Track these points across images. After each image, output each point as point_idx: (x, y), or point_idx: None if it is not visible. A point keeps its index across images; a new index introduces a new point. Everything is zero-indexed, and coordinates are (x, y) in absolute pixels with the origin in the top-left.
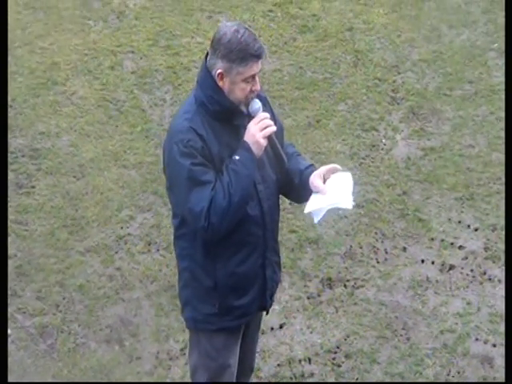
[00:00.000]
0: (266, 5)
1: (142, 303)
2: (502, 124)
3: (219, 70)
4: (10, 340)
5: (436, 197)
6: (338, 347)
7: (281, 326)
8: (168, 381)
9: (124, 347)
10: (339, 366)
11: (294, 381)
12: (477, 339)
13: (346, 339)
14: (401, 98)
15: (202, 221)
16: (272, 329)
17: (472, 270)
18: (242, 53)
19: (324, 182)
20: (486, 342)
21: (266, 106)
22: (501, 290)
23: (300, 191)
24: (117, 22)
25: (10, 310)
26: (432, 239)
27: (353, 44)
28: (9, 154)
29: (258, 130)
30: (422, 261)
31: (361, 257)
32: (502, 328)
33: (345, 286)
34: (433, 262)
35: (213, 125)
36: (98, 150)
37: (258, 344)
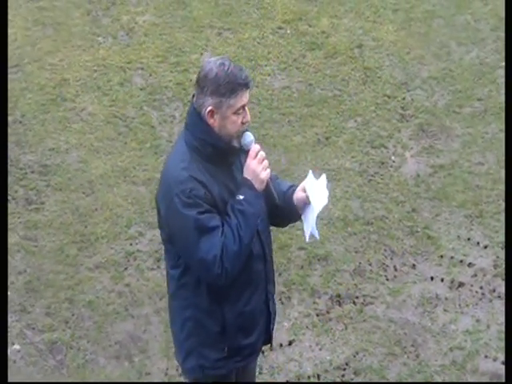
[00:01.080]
0: (276, 22)
1: (151, 319)
2: None
3: (209, 108)
4: (19, 356)
5: (445, 214)
6: (347, 364)
7: (290, 343)
8: None
9: (133, 363)
10: (348, 382)
11: None
12: (486, 356)
13: (355, 356)
14: (410, 115)
15: (215, 269)
16: (281, 345)
17: (481, 288)
18: (230, 85)
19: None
20: (495, 360)
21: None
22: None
23: (284, 212)
24: (126, 39)
25: (19, 325)
26: (441, 256)
27: (362, 61)
28: (18, 170)
29: (258, 166)
30: (432, 278)
31: (370, 274)
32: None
33: (354, 302)
34: (442, 280)
35: (208, 168)
36: (108, 166)
37: (267, 360)
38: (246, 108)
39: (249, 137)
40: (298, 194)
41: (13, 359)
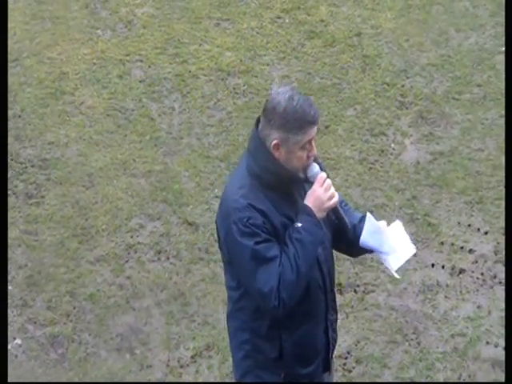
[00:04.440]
0: (274, 11)
1: (152, 312)
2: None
3: (275, 141)
4: (20, 350)
5: (445, 201)
6: (348, 352)
7: None
8: None
9: (135, 355)
10: (350, 371)
11: None
12: (487, 343)
13: (356, 344)
14: (409, 102)
15: (272, 301)
16: None
17: (482, 274)
18: (298, 122)
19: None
20: (496, 346)
21: (322, 166)
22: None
23: (353, 244)
24: (125, 31)
25: (20, 320)
26: (442, 243)
27: (361, 49)
28: (18, 165)
29: (324, 194)
30: (432, 265)
31: (371, 262)
32: None
33: (355, 291)
34: (443, 266)
35: (269, 195)
36: (107, 159)
37: None
38: (313, 142)
39: (315, 167)
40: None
41: (14, 354)
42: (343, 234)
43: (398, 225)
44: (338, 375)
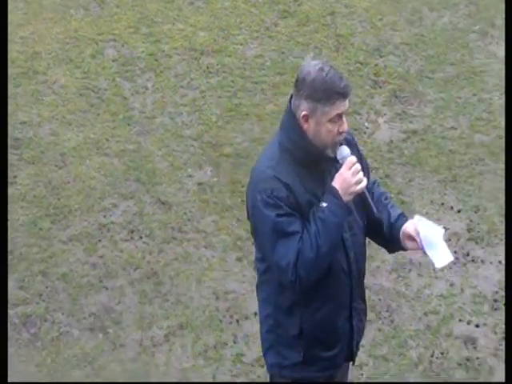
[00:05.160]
0: None
1: (125, 291)
2: (484, 106)
3: (304, 112)
4: None
5: (419, 179)
6: None
7: None
8: (152, 368)
9: (107, 335)
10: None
11: None
12: (460, 320)
13: None
14: (383, 81)
15: (289, 275)
16: (255, 313)
17: (455, 252)
18: (327, 92)
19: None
20: (469, 323)
21: (354, 150)
22: (483, 271)
23: (389, 241)
24: (98, 10)
25: None
26: None
27: (334, 28)
28: None
29: (352, 177)
30: None
31: None
32: (484, 308)
33: None
34: None
35: (298, 171)
36: (80, 138)
37: (243, 329)
38: (344, 117)
39: (345, 150)
40: (407, 236)
41: None
42: (379, 229)
43: (440, 230)
44: None
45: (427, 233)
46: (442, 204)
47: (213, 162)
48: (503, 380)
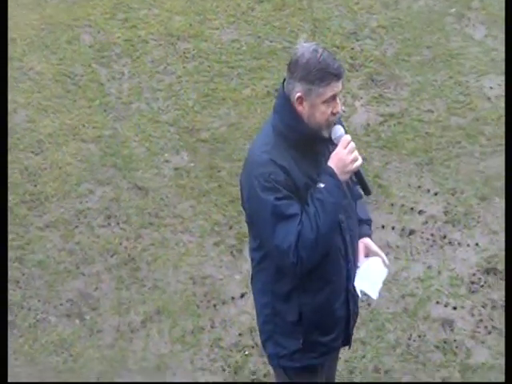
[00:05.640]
0: None
1: (102, 277)
2: (461, 88)
3: (298, 94)
4: None
5: (395, 162)
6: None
7: (242, 296)
8: (130, 353)
9: (85, 321)
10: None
11: (255, 350)
12: (437, 303)
13: None
14: (359, 64)
15: (290, 257)
16: (233, 298)
17: (432, 235)
18: (321, 73)
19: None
20: (446, 305)
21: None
22: (460, 253)
23: None
24: None
25: None
26: (392, 205)
27: (311, 12)
28: None
29: (347, 156)
30: (383, 226)
31: None
32: (462, 291)
33: None
34: (393, 228)
35: (293, 154)
36: (56, 124)
37: (220, 314)
38: (338, 98)
39: (339, 130)
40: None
41: None
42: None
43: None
44: None
45: (370, 269)
46: (419, 187)
47: (190, 147)
48: (483, 360)
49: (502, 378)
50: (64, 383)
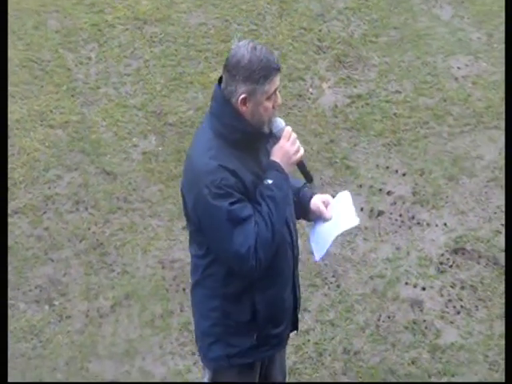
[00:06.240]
0: None
1: (71, 262)
2: (428, 69)
3: (242, 96)
4: None
5: (363, 144)
6: None
7: None
8: (99, 338)
9: (54, 307)
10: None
11: None
12: (406, 283)
13: None
14: (327, 46)
15: (250, 261)
16: None
17: (400, 215)
18: (265, 70)
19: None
20: (415, 286)
21: None
22: (429, 234)
23: (297, 208)
24: None
25: None
26: (360, 186)
27: None
28: None
29: (291, 147)
30: None
31: None
32: (430, 271)
33: None
34: (361, 209)
35: (237, 154)
36: (24, 110)
37: (189, 298)
38: (277, 91)
39: (280, 122)
40: (318, 204)
41: None
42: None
43: (345, 195)
44: None
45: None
46: (387, 168)
47: (158, 131)
48: (452, 340)
49: (472, 359)
50: (64, 383)
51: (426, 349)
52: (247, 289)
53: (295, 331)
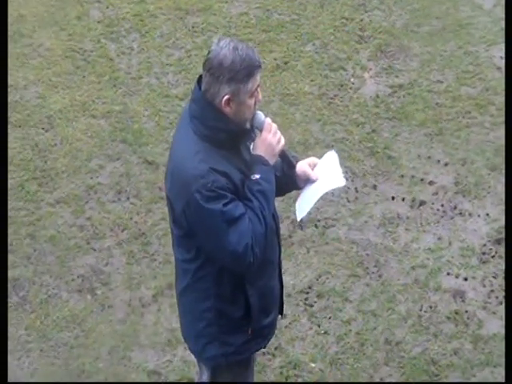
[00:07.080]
0: None
1: (113, 252)
2: (470, 58)
3: (226, 97)
4: None
5: (405, 133)
6: (310, 287)
7: None
8: (141, 328)
9: (96, 296)
10: (311, 305)
11: None
12: (448, 274)
13: (317, 279)
14: (368, 36)
15: (248, 258)
16: None
17: (442, 205)
18: (247, 69)
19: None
20: (457, 276)
21: None
22: (471, 224)
23: (282, 181)
24: None
25: None
26: (402, 176)
27: None
28: None
29: (273, 139)
30: (393, 198)
31: (331, 196)
32: (473, 262)
33: (316, 226)
34: (403, 199)
35: (223, 153)
36: (66, 100)
37: None
38: (258, 88)
39: (261, 116)
40: (304, 168)
41: None
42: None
43: (332, 155)
44: (300, 310)
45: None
46: (429, 157)
47: None
48: (494, 331)
49: None
50: (69, 383)
51: (468, 339)
52: (238, 285)
53: (280, 316)
